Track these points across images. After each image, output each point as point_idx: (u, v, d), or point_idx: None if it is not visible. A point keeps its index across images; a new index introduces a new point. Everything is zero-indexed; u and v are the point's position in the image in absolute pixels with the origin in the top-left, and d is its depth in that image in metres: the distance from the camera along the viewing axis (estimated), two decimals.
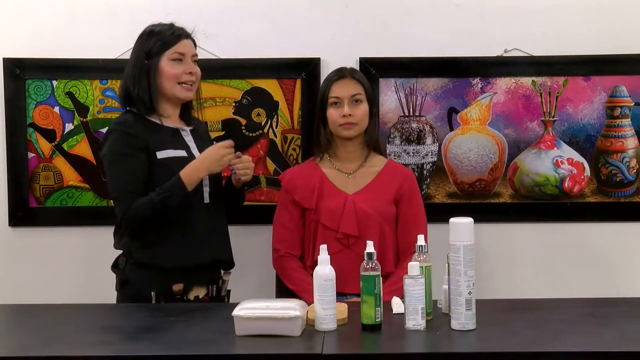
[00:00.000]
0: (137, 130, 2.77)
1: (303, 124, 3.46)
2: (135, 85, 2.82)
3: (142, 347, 2.23)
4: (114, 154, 2.76)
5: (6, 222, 3.49)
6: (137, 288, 2.78)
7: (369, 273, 2.31)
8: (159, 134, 2.81)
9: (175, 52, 2.82)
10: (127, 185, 2.73)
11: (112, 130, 2.80)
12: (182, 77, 2.83)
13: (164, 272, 2.77)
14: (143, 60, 2.82)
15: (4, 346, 2.30)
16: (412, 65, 3.45)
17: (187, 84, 2.85)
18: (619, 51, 3.43)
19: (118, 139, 2.76)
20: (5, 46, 3.44)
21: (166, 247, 2.77)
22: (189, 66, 2.84)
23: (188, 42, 2.87)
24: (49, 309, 2.74)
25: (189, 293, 2.80)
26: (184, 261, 2.78)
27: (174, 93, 2.84)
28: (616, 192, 3.51)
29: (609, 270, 3.51)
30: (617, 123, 3.48)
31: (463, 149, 3.49)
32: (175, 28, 2.87)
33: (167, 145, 2.80)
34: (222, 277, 2.91)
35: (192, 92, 2.89)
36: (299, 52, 3.44)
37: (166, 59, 2.82)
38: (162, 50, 2.81)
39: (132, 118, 2.82)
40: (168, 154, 2.78)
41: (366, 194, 3.03)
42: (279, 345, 2.20)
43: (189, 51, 2.86)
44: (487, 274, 3.40)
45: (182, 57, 2.83)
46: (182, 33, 2.86)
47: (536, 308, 2.59)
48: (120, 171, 2.75)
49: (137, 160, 2.74)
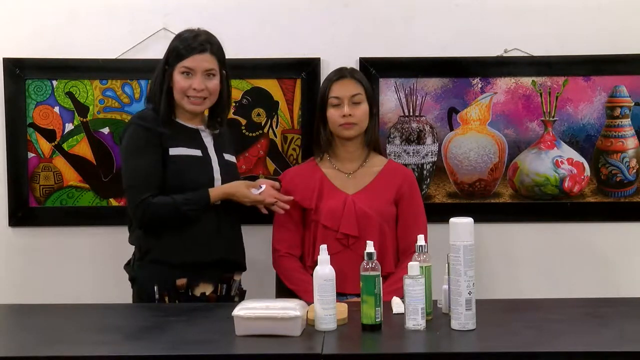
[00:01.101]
0: (153, 125, 2.84)
1: (303, 124, 3.46)
2: (154, 86, 2.90)
3: (142, 347, 2.23)
4: (129, 146, 2.85)
5: (6, 222, 3.49)
6: (143, 283, 2.85)
7: (369, 273, 2.31)
8: (175, 132, 2.87)
9: (184, 66, 2.85)
10: (141, 177, 2.81)
11: (130, 124, 2.90)
12: (189, 92, 2.86)
13: (168, 267, 2.82)
14: (164, 65, 2.89)
15: (4, 346, 2.30)
16: (412, 65, 3.45)
17: (195, 98, 2.87)
18: (619, 51, 3.43)
19: (135, 132, 2.85)
20: (5, 46, 3.44)
21: (171, 243, 2.83)
22: (197, 82, 2.85)
23: (202, 56, 2.85)
24: (49, 309, 2.74)
25: (194, 289, 2.83)
26: (186, 257, 2.82)
27: (182, 104, 2.89)
28: (616, 192, 3.51)
29: (609, 270, 3.51)
30: (617, 123, 3.48)
31: (463, 149, 3.49)
32: (195, 40, 2.86)
33: (182, 142, 2.85)
34: (233, 277, 2.93)
35: (201, 106, 2.90)
36: (299, 52, 3.44)
37: (178, 71, 2.86)
38: (176, 62, 2.86)
39: (150, 114, 2.90)
40: (181, 151, 2.84)
41: (366, 194, 3.03)
42: (279, 345, 2.20)
43: (199, 66, 2.85)
44: (487, 274, 3.40)
45: (191, 71, 2.85)
46: (197, 47, 2.85)
47: (536, 308, 2.59)
48: (135, 163, 2.83)
49: (152, 153, 2.81)
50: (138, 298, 2.88)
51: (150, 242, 2.85)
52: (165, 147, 2.83)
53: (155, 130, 2.83)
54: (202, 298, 2.83)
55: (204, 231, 2.85)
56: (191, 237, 2.84)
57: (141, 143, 2.82)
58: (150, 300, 2.81)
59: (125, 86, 3.46)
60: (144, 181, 2.80)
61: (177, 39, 2.91)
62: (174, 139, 2.85)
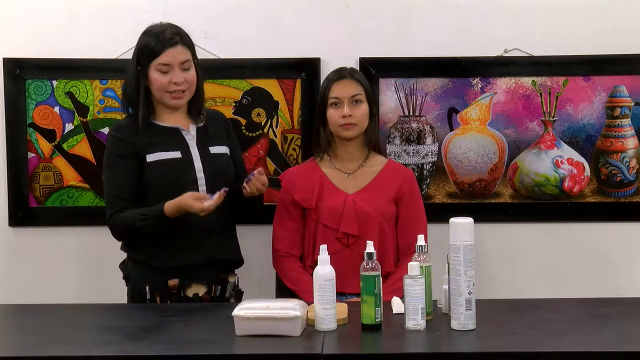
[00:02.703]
0: (127, 134, 2.85)
1: (303, 124, 3.46)
2: (128, 88, 2.88)
3: (142, 347, 2.23)
4: (105, 160, 2.90)
5: (6, 222, 3.48)
6: (136, 283, 2.86)
7: (369, 273, 2.31)
8: (152, 136, 2.84)
9: (160, 63, 2.81)
10: (113, 191, 2.85)
11: (108, 136, 2.95)
12: (169, 87, 2.83)
13: (158, 269, 2.83)
14: (136, 65, 2.85)
15: (4, 346, 2.30)
16: (412, 65, 3.45)
17: (176, 92, 2.85)
18: (619, 51, 3.43)
19: (110, 144, 2.89)
20: (5, 46, 3.43)
21: (159, 246, 2.84)
22: (175, 75, 2.82)
23: (175, 50, 2.82)
24: (49, 309, 2.74)
25: (186, 289, 2.83)
26: (176, 260, 2.83)
27: (163, 101, 2.87)
28: (616, 192, 3.51)
29: (609, 270, 3.51)
30: (617, 123, 3.48)
31: (463, 149, 3.49)
32: (163, 35, 2.82)
33: (159, 147, 2.83)
34: (228, 278, 2.92)
35: (183, 99, 2.88)
36: (299, 52, 3.44)
37: (153, 69, 2.83)
38: (149, 60, 2.82)
39: (127, 122, 2.90)
40: (158, 156, 2.83)
41: (366, 194, 3.03)
42: (279, 345, 2.20)
43: (175, 60, 2.82)
44: (487, 274, 3.40)
45: (168, 67, 2.82)
46: (168, 42, 2.81)
47: (536, 308, 2.59)
48: (109, 177, 2.88)
49: (125, 165, 2.83)
50: (131, 297, 2.89)
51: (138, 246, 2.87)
52: (141, 155, 2.82)
53: (130, 140, 2.83)
54: (195, 299, 2.82)
55: (193, 233, 2.84)
56: (180, 239, 2.83)
57: (114, 156, 2.85)
58: (142, 300, 2.82)
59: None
60: (115, 195, 2.83)
61: (144, 37, 2.85)
62: (151, 145, 2.83)
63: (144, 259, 2.86)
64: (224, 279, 2.91)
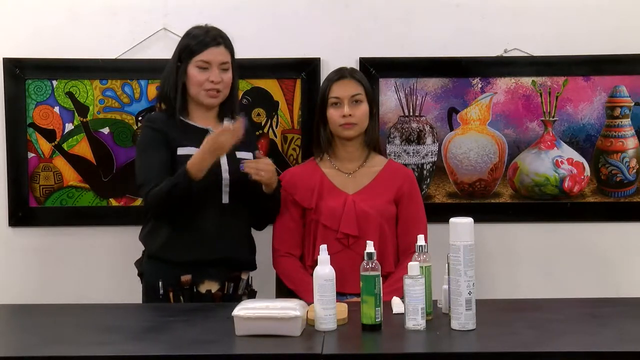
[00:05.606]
0: (161, 126, 2.90)
1: (303, 124, 3.46)
2: (166, 84, 2.94)
3: (142, 347, 2.23)
4: (140, 147, 2.94)
5: (6, 222, 3.49)
6: (149, 279, 2.90)
7: (369, 273, 2.31)
8: (184, 132, 2.90)
9: (201, 60, 2.88)
10: (149, 174, 2.85)
11: (142, 126, 3.04)
12: (206, 85, 2.89)
13: (172, 265, 2.85)
14: (176, 62, 2.92)
15: (4, 346, 2.30)
16: (412, 65, 3.45)
17: (212, 91, 2.90)
18: (619, 51, 3.43)
19: (145, 133, 2.94)
20: (5, 46, 3.44)
21: (173, 242, 2.87)
22: (213, 74, 2.88)
23: (217, 50, 2.89)
24: (49, 309, 2.74)
25: (199, 286, 2.84)
26: (189, 256, 2.85)
27: (198, 98, 2.92)
28: (616, 192, 3.51)
29: (609, 270, 3.51)
30: (617, 123, 3.48)
31: (463, 149, 3.49)
32: (208, 35, 2.90)
33: (190, 142, 2.86)
34: (241, 275, 2.93)
35: (217, 99, 2.93)
36: (299, 52, 3.44)
37: (193, 65, 2.89)
38: (190, 57, 2.89)
39: (160, 116, 2.97)
40: (189, 150, 2.85)
41: (366, 194, 3.03)
42: (279, 345, 2.20)
43: (215, 59, 2.89)
44: (487, 274, 3.40)
45: (208, 65, 2.88)
46: (212, 41, 2.89)
47: (536, 308, 2.59)
48: (144, 161, 2.90)
49: (160, 152, 2.87)
50: (145, 293, 2.93)
51: (155, 240, 2.90)
52: (173, 147, 2.87)
53: (164, 131, 2.88)
54: (208, 295, 2.84)
55: (207, 230, 2.86)
56: (194, 236, 2.86)
57: (149, 142, 2.89)
58: (156, 296, 2.84)
59: (125, 86, 3.46)
60: (150, 177, 2.84)
61: (188, 37, 2.93)
62: (183, 139, 2.88)
63: (158, 254, 2.88)
64: (237, 277, 2.93)
